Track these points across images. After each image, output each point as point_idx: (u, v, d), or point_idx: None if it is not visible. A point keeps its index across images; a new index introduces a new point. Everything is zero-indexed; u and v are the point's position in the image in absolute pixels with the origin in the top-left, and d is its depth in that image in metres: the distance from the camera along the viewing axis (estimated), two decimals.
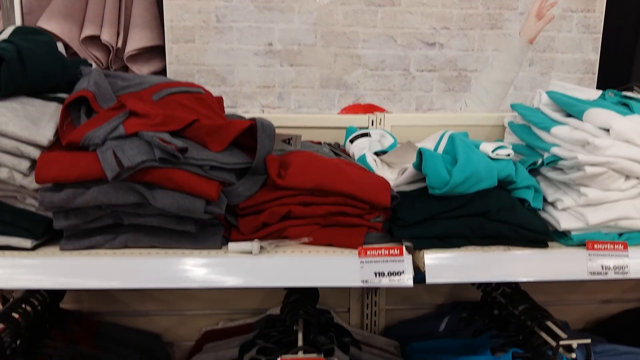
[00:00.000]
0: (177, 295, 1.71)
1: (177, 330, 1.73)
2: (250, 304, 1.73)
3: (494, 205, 1.10)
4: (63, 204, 0.99)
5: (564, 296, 1.79)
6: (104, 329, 1.60)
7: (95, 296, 1.68)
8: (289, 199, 1.10)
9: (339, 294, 1.74)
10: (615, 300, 1.82)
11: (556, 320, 1.23)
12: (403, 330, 1.70)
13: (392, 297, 1.76)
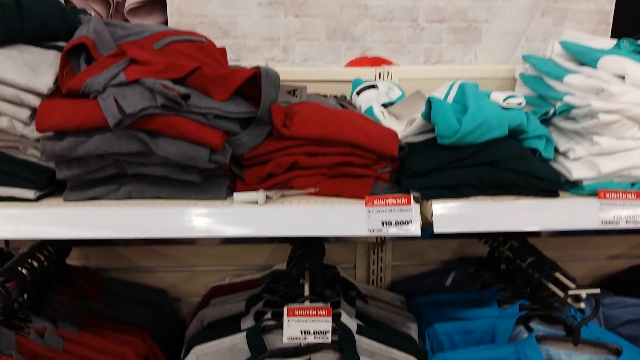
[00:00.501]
0: (184, 252, 1.71)
1: (184, 286, 1.74)
2: (256, 260, 1.73)
3: (505, 154, 1.08)
4: (65, 153, 0.98)
5: (571, 252, 1.78)
6: (110, 285, 1.61)
7: (102, 253, 1.68)
8: (294, 149, 1.08)
9: (344, 250, 1.74)
10: (623, 256, 1.81)
11: (565, 271, 1.22)
12: (409, 286, 1.70)
13: (398, 253, 1.76)
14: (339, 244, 1.73)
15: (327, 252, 1.67)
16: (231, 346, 1.23)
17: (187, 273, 1.73)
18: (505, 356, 1.17)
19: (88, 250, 1.67)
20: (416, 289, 1.66)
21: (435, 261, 1.77)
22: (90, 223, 1.01)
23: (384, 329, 1.34)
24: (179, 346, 1.58)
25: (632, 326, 1.41)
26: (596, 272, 1.82)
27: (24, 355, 1.15)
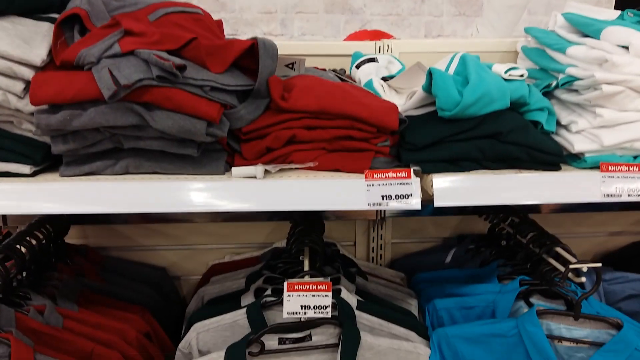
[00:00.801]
0: (183, 230, 1.70)
1: (184, 265, 1.73)
2: (256, 238, 1.73)
3: (506, 126, 1.06)
4: (60, 126, 0.96)
5: (572, 228, 1.77)
6: (110, 263, 1.61)
7: (101, 231, 1.68)
8: (293, 122, 1.06)
9: (344, 228, 1.73)
10: (624, 232, 1.80)
11: (566, 246, 1.21)
12: (409, 263, 1.70)
13: (398, 231, 1.75)
14: (339, 222, 1.72)
15: (327, 230, 1.66)
16: (232, 322, 1.22)
17: (187, 251, 1.72)
18: (505, 331, 1.17)
19: (86, 229, 1.67)
20: (416, 266, 1.65)
21: (436, 238, 1.77)
22: (87, 198, 1.00)
23: (384, 305, 1.34)
24: (180, 324, 1.58)
25: (633, 301, 1.41)
26: (597, 248, 1.81)
27: (23, 332, 1.15)
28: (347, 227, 1.74)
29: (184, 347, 1.23)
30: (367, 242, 1.75)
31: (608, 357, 1.11)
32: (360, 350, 1.13)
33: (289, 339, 1.14)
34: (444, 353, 1.18)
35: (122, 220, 1.65)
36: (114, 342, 1.24)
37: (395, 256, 1.77)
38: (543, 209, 1.71)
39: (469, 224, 1.75)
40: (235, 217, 1.67)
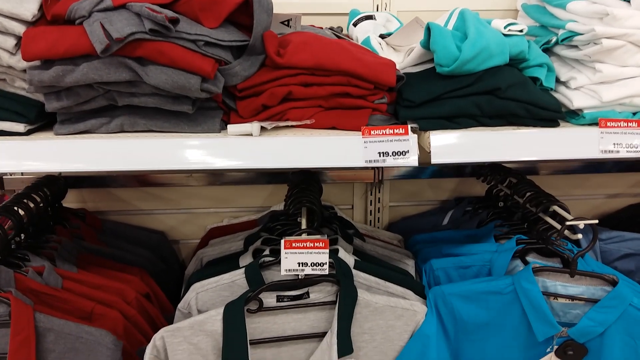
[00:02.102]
0: (181, 194, 1.70)
1: (182, 229, 1.74)
2: (254, 202, 1.73)
3: (505, 82, 1.05)
4: (53, 82, 0.95)
5: (569, 191, 1.78)
6: (108, 226, 1.61)
7: (98, 195, 1.68)
8: (289, 79, 1.05)
9: (342, 191, 1.74)
10: (621, 195, 1.81)
11: (562, 204, 1.21)
12: (406, 226, 1.71)
13: (395, 194, 1.75)
14: (337, 185, 1.72)
15: (325, 194, 1.66)
16: (230, 282, 1.23)
17: (185, 215, 1.73)
18: (501, 288, 1.18)
19: (84, 193, 1.67)
20: (413, 228, 1.66)
21: (433, 201, 1.77)
22: (82, 156, 0.99)
23: (381, 265, 1.35)
24: (179, 287, 1.60)
25: (629, 260, 1.42)
26: (594, 211, 1.82)
27: (23, 292, 1.16)
28: (345, 191, 1.74)
29: (183, 307, 1.23)
30: (365, 205, 1.75)
31: (603, 313, 1.13)
32: (358, 308, 1.14)
33: (286, 297, 1.15)
34: (440, 311, 1.19)
35: (120, 184, 1.65)
36: (113, 302, 1.25)
37: (392, 219, 1.78)
38: (540, 170, 1.71)
39: (466, 186, 1.75)
40: (233, 181, 1.67)
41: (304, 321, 1.16)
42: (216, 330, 1.09)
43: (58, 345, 1.11)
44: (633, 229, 1.51)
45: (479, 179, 1.61)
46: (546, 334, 1.14)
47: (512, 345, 1.19)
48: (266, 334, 1.15)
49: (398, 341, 1.17)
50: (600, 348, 1.15)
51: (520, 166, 1.68)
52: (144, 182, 1.64)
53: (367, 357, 1.17)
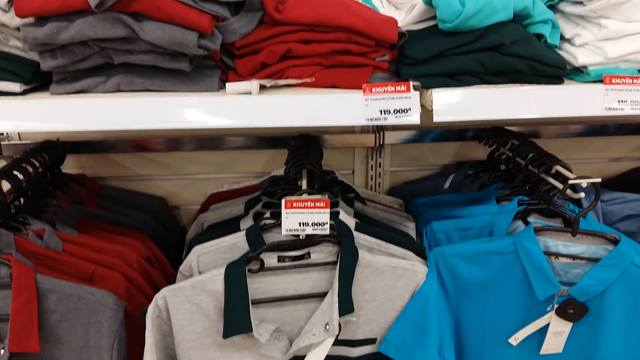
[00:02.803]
0: (181, 160, 1.69)
1: (183, 194, 1.73)
2: (254, 167, 1.72)
3: (509, 38, 1.03)
4: (47, 39, 0.93)
5: (572, 154, 1.77)
6: (108, 192, 1.61)
7: (97, 161, 1.67)
8: (288, 36, 1.03)
9: (343, 156, 1.72)
10: (624, 158, 1.80)
11: (565, 163, 1.20)
12: (407, 190, 1.70)
13: (396, 159, 1.74)
14: (337, 150, 1.71)
15: (326, 159, 1.65)
16: (231, 245, 1.23)
17: (185, 181, 1.72)
18: (502, 248, 1.18)
19: (83, 159, 1.66)
20: (414, 192, 1.66)
21: (434, 166, 1.76)
22: (79, 115, 0.98)
23: (382, 227, 1.35)
24: (180, 252, 1.60)
25: (631, 221, 1.41)
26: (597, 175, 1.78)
27: (23, 254, 1.16)
28: (346, 156, 1.73)
29: (185, 270, 1.24)
30: (366, 170, 1.74)
31: (604, 272, 1.13)
32: (358, 268, 1.14)
33: (288, 257, 1.15)
34: (440, 271, 1.20)
35: (119, 150, 1.63)
36: (115, 265, 1.26)
37: (393, 184, 1.77)
38: (543, 134, 1.70)
39: (468, 150, 1.74)
40: (234, 146, 1.66)
41: (305, 281, 1.16)
42: (218, 290, 1.09)
43: (60, 306, 1.12)
44: (636, 192, 1.50)
45: (480, 142, 1.60)
46: (547, 292, 1.14)
47: (512, 305, 1.20)
48: (267, 294, 1.15)
49: (399, 301, 1.17)
50: (601, 307, 1.16)
51: (523, 129, 1.67)
52: (143, 147, 1.63)
53: (368, 317, 1.17)
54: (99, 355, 1.14)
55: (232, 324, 1.07)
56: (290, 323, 1.17)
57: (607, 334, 1.18)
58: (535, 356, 1.23)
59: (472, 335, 1.24)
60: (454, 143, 1.72)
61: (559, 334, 1.20)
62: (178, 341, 1.11)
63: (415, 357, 1.15)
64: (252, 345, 1.13)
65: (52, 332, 1.13)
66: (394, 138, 1.66)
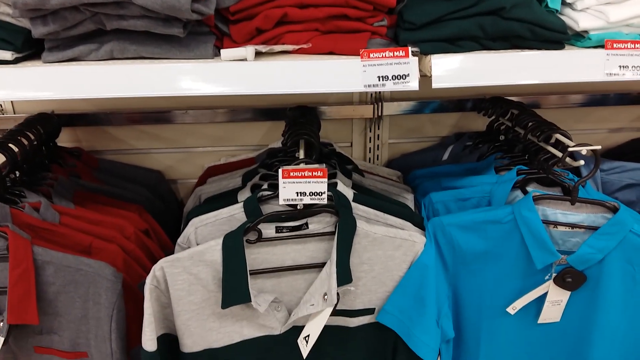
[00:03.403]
0: (178, 133, 1.68)
1: (180, 168, 1.72)
2: (251, 140, 1.71)
3: (509, 1, 1.01)
4: (38, 4, 0.91)
5: (572, 125, 1.75)
6: (104, 165, 1.60)
7: (93, 134, 1.65)
8: (284, 0, 1.00)
9: (341, 128, 1.71)
10: (624, 129, 1.79)
11: (565, 132, 1.19)
12: (405, 162, 1.69)
13: (395, 131, 1.73)
14: (335, 122, 1.70)
15: (323, 131, 1.64)
16: (229, 217, 1.22)
17: (182, 154, 1.71)
18: (501, 217, 1.17)
19: (78, 132, 1.64)
20: (413, 164, 1.65)
21: (433, 138, 1.75)
22: (71, 83, 0.96)
23: (380, 198, 1.34)
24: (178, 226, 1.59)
25: (630, 191, 1.41)
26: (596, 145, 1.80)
27: (20, 227, 1.15)
28: (344, 128, 1.71)
29: (183, 242, 1.23)
30: (364, 142, 1.73)
31: (603, 240, 1.12)
32: (357, 238, 1.14)
33: (285, 228, 1.15)
34: (439, 241, 1.19)
35: (115, 123, 1.62)
36: (112, 237, 1.25)
37: (392, 156, 1.76)
38: (542, 104, 1.68)
39: (467, 121, 1.72)
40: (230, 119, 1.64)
41: (303, 252, 1.16)
42: (216, 260, 1.09)
43: (58, 278, 1.11)
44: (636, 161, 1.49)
45: (480, 112, 1.58)
46: (545, 261, 1.14)
47: (510, 274, 1.20)
48: (266, 264, 1.15)
49: (397, 271, 1.17)
50: (599, 275, 1.16)
51: (522, 100, 1.65)
52: (140, 120, 1.61)
53: (366, 287, 1.17)
54: (98, 326, 1.14)
55: (231, 294, 1.07)
56: (289, 294, 1.17)
57: (605, 302, 1.18)
58: (533, 325, 1.24)
59: (470, 305, 1.24)
60: (453, 114, 1.70)
61: (556, 302, 1.20)
62: (177, 312, 1.11)
63: (413, 326, 1.16)
64: (251, 316, 1.13)
65: (50, 304, 1.13)
66: (392, 109, 1.64)
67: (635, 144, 1.72)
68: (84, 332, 1.15)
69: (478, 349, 1.26)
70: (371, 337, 1.21)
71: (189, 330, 1.12)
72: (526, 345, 1.26)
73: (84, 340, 1.16)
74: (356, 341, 1.20)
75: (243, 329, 1.14)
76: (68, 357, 1.17)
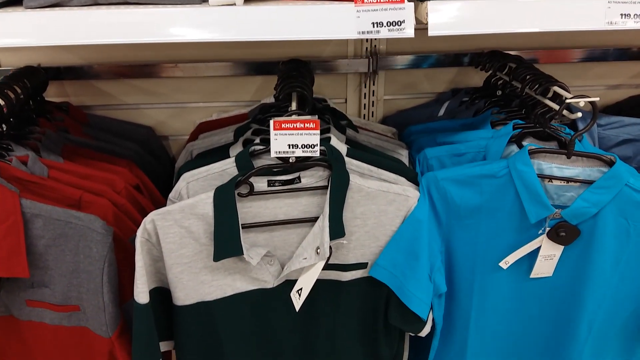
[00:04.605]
0: (168, 87, 1.64)
1: (171, 124, 1.69)
2: (243, 96, 1.68)
3: None
4: None
5: (569, 81, 1.70)
6: (94, 120, 1.57)
7: (81, 88, 1.62)
8: None
9: (335, 83, 1.68)
10: (623, 86, 1.76)
11: (563, 84, 1.17)
12: (400, 119, 1.67)
13: (390, 87, 1.70)
14: (329, 77, 1.66)
15: (317, 87, 1.61)
16: (221, 171, 1.20)
17: (173, 110, 1.68)
18: (495, 171, 1.16)
19: (66, 86, 1.60)
20: (408, 121, 1.62)
21: (429, 94, 1.72)
22: (55, 29, 0.92)
23: (374, 154, 1.32)
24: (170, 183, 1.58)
25: (627, 146, 1.39)
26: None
27: (7, 180, 1.13)
28: (338, 83, 1.68)
29: (174, 197, 1.22)
30: (359, 98, 1.70)
31: (598, 194, 1.11)
32: (350, 192, 1.12)
33: (278, 181, 1.13)
34: (432, 196, 1.18)
35: (104, 77, 1.58)
36: (102, 191, 1.23)
37: (387, 113, 1.74)
38: (540, 60, 1.65)
39: (464, 77, 1.69)
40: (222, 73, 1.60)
41: (295, 206, 1.15)
42: (207, 214, 1.08)
43: (47, 231, 1.10)
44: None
45: (477, 67, 1.55)
46: (539, 215, 1.13)
47: (504, 229, 1.19)
48: (258, 218, 1.14)
49: (390, 226, 1.16)
50: (593, 230, 1.15)
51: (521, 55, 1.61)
52: (129, 74, 1.57)
53: (359, 242, 1.17)
54: (89, 280, 1.14)
55: (223, 247, 1.06)
56: (282, 248, 1.17)
57: (598, 256, 1.18)
58: (525, 280, 1.24)
59: (463, 260, 1.24)
60: (449, 69, 1.67)
61: (549, 257, 1.20)
62: (169, 265, 1.11)
63: (406, 281, 1.16)
64: (244, 269, 1.13)
65: (41, 258, 1.13)
66: (387, 64, 1.61)
67: (633, 101, 1.69)
68: (75, 286, 1.15)
69: (470, 303, 1.27)
70: (364, 291, 1.21)
71: (181, 283, 1.12)
72: (518, 300, 1.26)
73: (75, 294, 1.16)
74: (349, 295, 1.20)
75: (236, 282, 1.14)
76: (60, 310, 1.17)
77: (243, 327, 1.18)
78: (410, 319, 1.18)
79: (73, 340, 1.21)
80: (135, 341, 1.11)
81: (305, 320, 1.20)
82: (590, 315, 1.23)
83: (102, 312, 1.15)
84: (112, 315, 1.15)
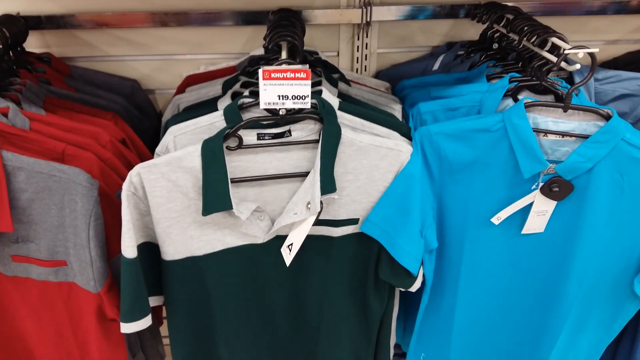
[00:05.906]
0: (154, 38, 1.58)
1: (157, 77, 1.64)
2: (232, 48, 1.62)
3: None
4: None
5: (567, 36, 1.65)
6: (77, 72, 1.51)
7: (63, 39, 1.55)
8: None
9: (327, 36, 1.62)
10: (621, 41, 1.72)
11: (562, 35, 1.13)
12: (394, 73, 1.63)
13: (384, 40, 1.65)
14: (321, 28, 1.61)
15: (309, 39, 1.56)
16: (209, 125, 1.17)
17: (159, 62, 1.62)
18: (490, 125, 1.13)
19: (47, 36, 1.54)
20: (402, 75, 1.58)
21: (424, 47, 1.67)
22: None
23: (367, 108, 1.29)
24: (156, 137, 1.54)
25: (624, 101, 1.37)
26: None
27: None
28: (330, 35, 1.63)
29: (161, 151, 1.18)
30: (352, 51, 1.65)
31: (593, 148, 1.10)
32: (341, 147, 1.10)
33: (267, 135, 1.10)
34: (425, 151, 1.16)
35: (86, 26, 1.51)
36: (87, 145, 1.20)
37: (380, 67, 1.69)
38: (536, 11, 1.60)
39: (460, 30, 1.64)
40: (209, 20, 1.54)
41: (286, 160, 1.12)
42: (195, 167, 1.05)
43: (30, 184, 1.07)
44: None
45: (473, 19, 1.50)
46: (533, 170, 1.11)
47: (496, 184, 1.18)
48: (248, 172, 1.11)
49: (382, 181, 1.15)
50: (587, 185, 1.14)
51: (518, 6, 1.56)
52: (112, 23, 1.51)
53: (351, 197, 1.15)
54: (75, 234, 1.12)
55: (211, 201, 1.04)
56: (272, 203, 1.15)
57: (590, 212, 1.17)
58: (516, 236, 1.23)
59: (455, 216, 1.23)
60: (445, 21, 1.62)
61: (542, 213, 1.19)
62: (156, 220, 1.09)
63: (397, 236, 1.15)
64: (233, 224, 1.11)
65: (25, 212, 1.10)
66: (381, 15, 1.55)
67: (630, 57, 1.66)
68: (61, 241, 1.13)
69: (460, 259, 1.26)
70: (355, 247, 1.20)
71: (169, 238, 1.10)
72: (508, 256, 1.26)
73: (62, 249, 1.14)
74: (340, 251, 1.20)
75: (225, 237, 1.12)
76: (46, 265, 1.15)
77: (233, 282, 1.17)
78: (400, 274, 1.17)
79: (61, 295, 1.19)
80: (124, 296, 1.10)
81: (296, 275, 1.19)
82: (580, 271, 1.23)
83: (90, 267, 1.13)
84: (100, 270, 1.14)
